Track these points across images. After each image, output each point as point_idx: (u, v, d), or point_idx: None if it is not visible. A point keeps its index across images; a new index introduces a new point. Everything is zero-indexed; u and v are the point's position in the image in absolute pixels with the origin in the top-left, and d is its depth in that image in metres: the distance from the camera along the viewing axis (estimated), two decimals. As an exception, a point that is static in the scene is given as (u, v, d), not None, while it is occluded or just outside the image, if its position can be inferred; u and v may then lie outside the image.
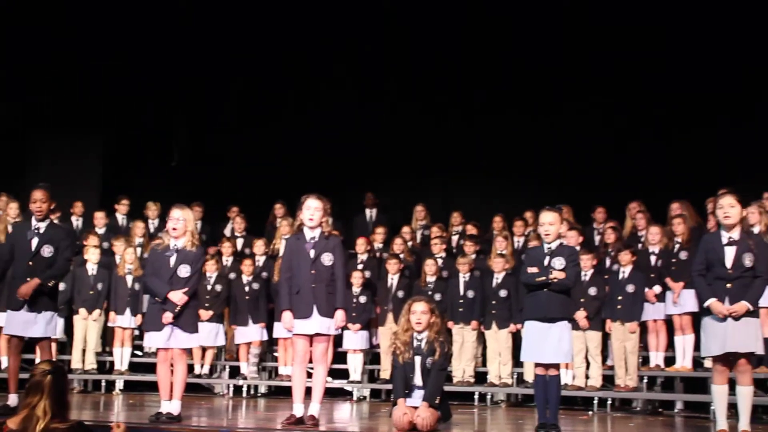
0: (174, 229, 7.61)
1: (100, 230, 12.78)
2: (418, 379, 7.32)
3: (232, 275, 12.09)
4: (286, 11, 14.11)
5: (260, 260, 12.22)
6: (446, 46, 14.09)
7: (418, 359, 7.32)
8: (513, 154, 14.00)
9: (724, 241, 6.65)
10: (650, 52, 12.90)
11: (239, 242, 13.15)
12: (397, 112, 14.70)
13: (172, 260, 7.59)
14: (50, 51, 13.88)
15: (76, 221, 13.21)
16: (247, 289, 11.80)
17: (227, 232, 13.65)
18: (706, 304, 6.63)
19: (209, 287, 11.65)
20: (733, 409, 6.84)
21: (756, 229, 9.02)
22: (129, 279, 11.85)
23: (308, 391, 7.44)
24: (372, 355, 12.05)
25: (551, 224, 7.16)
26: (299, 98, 14.94)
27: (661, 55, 12.85)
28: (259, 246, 12.34)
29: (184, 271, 7.56)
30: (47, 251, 8.03)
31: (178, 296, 7.50)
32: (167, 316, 7.49)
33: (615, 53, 13.14)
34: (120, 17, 13.81)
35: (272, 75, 14.82)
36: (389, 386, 9.59)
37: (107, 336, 12.27)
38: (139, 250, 12.18)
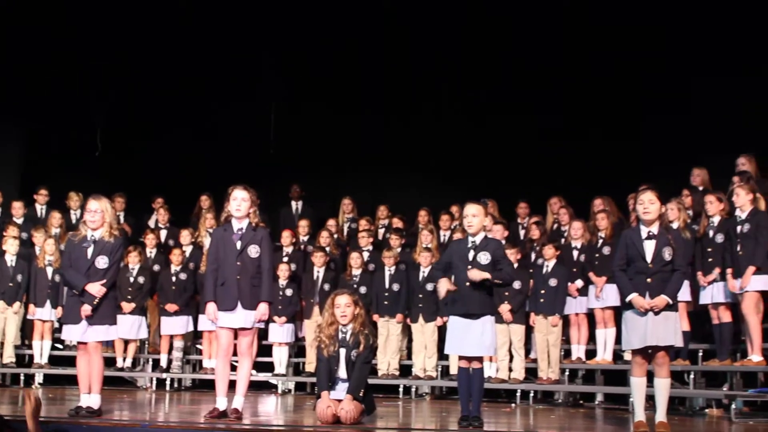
0: (92, 221, 7.49)
1: (18, 220, 12.50)
2: (342, 372, 7.30)
3: (156, 267, 11.93)
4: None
5: (187, 250, 12.10)
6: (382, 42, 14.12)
7: (342, 352, 7.29)
8: (440, 149, 14.07)
9: (644, 235, 6.76)
10: (574, 50, 13.08)
11: (163, 234, 12.98)
12: (324, 105, 14.64)
13: (90, 251, 7.46)
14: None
15: (-6, 211, 12.91)
16: (174, 279, 11.69)
17: (151, 223, 13.46)
18: (628, 299, 6.72)
19: (132, 279, 11.49)
20: (651, 400, 6.97)
21: (675, 225, 9.23)
22: (49, 271, 11.64)
23: (232, 385, 7.38)
24: (297, 348, 12.01)
25: (474, 216, 7.18)
26: (226, 91, 14.76)
27: (582, 53, 13.01)
28: (185, 236, 12.22)
29: (101, 262, 7.43)
30: None
31: (95, 288, 7.36)
32: (85, 309, 7.36)
33: (537, 50, 13.28)
34: (44, 6, 13.53)
35: (199, 69, 14.64)
36: (314, 379, 9.57)
37: (26, 329, 12.04)
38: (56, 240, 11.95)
